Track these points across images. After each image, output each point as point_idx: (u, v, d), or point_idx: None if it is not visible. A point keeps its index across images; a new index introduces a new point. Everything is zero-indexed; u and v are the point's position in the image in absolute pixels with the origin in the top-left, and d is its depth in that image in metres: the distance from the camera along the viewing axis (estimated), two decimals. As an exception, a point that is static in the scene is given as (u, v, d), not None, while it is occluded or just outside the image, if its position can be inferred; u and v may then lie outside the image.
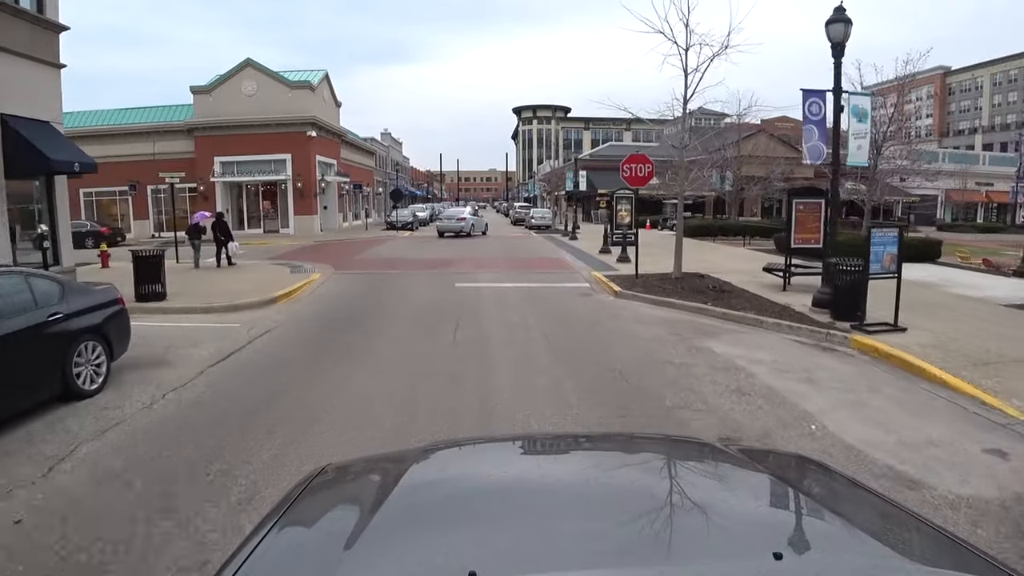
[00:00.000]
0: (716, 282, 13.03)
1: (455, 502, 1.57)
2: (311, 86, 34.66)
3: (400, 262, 18.54)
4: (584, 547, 1.25)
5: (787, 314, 9.85)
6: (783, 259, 13.04)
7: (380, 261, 18.91)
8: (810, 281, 11.63)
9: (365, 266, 17.62)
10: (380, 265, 17.86)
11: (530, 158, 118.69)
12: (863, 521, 1.51)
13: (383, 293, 12.79)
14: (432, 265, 17.53)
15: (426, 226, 44.79)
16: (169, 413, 5.68)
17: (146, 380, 6.60)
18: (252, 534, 1.46)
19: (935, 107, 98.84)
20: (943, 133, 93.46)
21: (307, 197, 34.29)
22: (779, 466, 2.06)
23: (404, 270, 16.45)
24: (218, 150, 34.46)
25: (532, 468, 1.97)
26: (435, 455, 2.05)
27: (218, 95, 34.45)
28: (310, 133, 33.75)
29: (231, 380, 6.74)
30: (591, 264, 17.59)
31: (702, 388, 6.34)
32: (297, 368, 7.25)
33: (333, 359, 7.62)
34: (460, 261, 18.63)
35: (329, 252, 22.16)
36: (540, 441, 3.03)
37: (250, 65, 34.19)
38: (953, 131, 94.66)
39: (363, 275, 15.66)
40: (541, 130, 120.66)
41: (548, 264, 18.20)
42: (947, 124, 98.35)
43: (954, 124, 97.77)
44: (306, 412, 5.59)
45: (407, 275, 15.46)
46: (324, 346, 8.35)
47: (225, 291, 12.62)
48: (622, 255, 17.90)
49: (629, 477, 1.78)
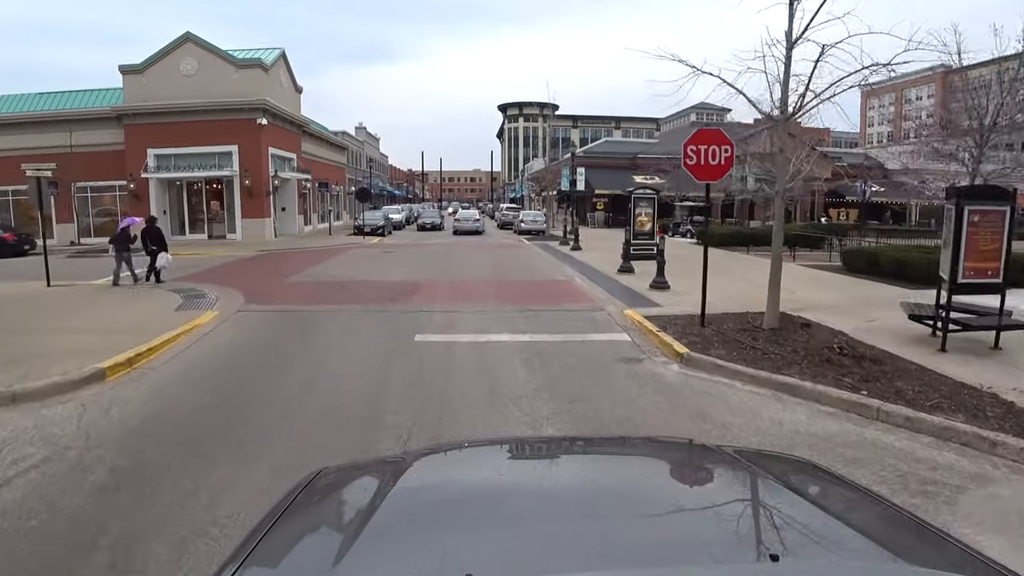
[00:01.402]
0: (836, 337, 8.17)
1: (452, 505, 1.55)
2: (262, 65, 29.36)
3: (345, 288, 13.35)
4: (581, 550, 1.25)
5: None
6: (902, 291, 8.27)
7: (317, 287, 13.58)
8: (979, 337, 7.58)
9: (291, 296, 12.35)
10: (313, 294, 12.66)
11: (516, 157, 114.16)
12: (860, 523, 1.49)
13: (285, 362, 7.51)
14: (388, 294, 12.36)
15: (401, 230, 39.62)
16: None
17: None
18: (248, 538, 1.44)
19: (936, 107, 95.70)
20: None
21: (257, 196, 28.99)
22: (776, 468, 1.94)
23: (344, 304, 11.24)
24: (152, 141, 29.07)
25: (529, 471, 1.96)
26: (432, 458, 2.04)
27: (152, 76, 29.04)
28: (260, 121, 28.47)
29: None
30: (614, 291, 12.66)
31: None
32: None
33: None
34: (430, 286, 13.47)
35: (260, 270, 17.02)
36: (536, 445, 2.90)
37: (190, 40, 28.81)
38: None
39: (277, 315, 10.39)
40: (528, 128, 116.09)
41: (556, 292, 13.04)
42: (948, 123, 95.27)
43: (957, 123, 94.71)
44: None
45: (343, 315, 10.21)
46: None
47: (48, 344, 7.58)
48: (657, 279, 13.00)
49: (626, 480, 1.75)
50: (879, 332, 8.57)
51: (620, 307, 10.94)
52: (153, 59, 29.00)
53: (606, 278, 14.67)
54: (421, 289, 12.99)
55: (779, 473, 1.84)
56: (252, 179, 28.60)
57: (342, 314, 10.31)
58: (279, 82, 31.70)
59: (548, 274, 16.15)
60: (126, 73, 29.29)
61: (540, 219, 35.10)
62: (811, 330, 8.56)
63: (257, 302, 11.45)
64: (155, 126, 28.96)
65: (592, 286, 13.52)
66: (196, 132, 28.62)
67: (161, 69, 28.96)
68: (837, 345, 7.54)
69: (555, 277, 15.43)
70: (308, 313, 10.50)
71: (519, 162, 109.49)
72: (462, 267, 17.63)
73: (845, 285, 13.58)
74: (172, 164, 29.41)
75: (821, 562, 1.24)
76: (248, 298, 11.73)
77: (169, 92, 28.63)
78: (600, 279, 14.53)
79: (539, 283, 14.42)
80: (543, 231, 33.07)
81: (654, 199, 18.88)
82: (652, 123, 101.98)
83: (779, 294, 8.79)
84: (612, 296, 12.11)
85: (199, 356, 7.81)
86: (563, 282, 14.53)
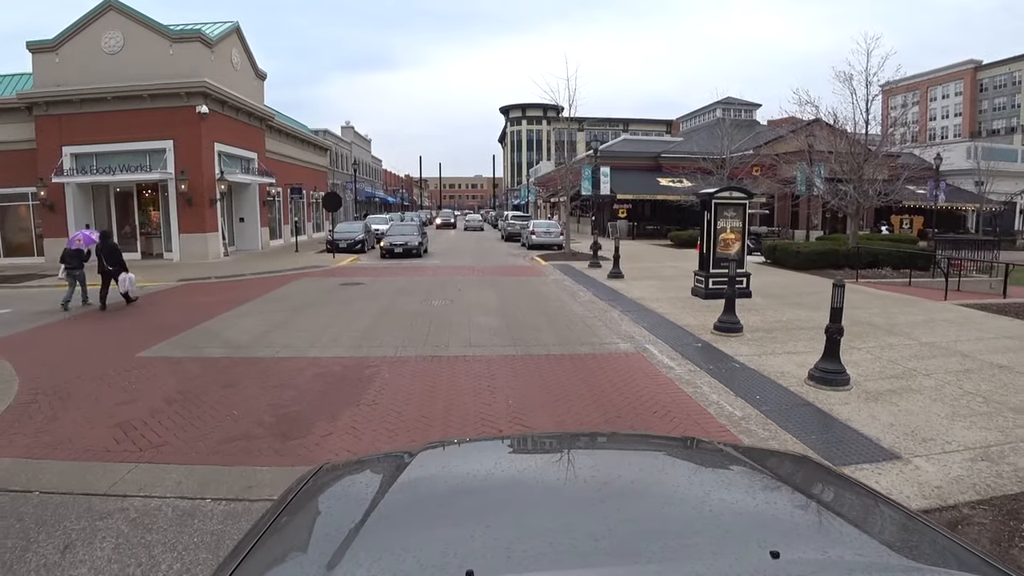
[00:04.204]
0: None
1: (453, 500, 1.54)
2: (204, 39, 23.17)
3: (219, 385, 6.88)
4: (583, 545, 1.24)
5: None
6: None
7: (165, 383, 6.84)
8: None
9: (87, 422, 5.80)
10: (134, 411, 6.18)
11: (519, 161, 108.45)
12: (861, 520, 1.49)
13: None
14: (293, 406, 6.04)
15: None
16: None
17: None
18: (249, 534, 1.46)
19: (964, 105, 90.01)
20: (973, 133, 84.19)
21: (198, 205, 22.74)
22: (777, 464, 1.92)
23: (163, 460, 4.95)
24: (69, 136, 22.93)
25: (530, 466, 1.92)
26: (432, 453, 1.96)
27: (67, 54, 22.92)
28: (200, 109, 22.26)
29: None
30: (759, 397, 6.35)
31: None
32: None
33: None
34: (391, 374, 7.13)
35: (113, 328, 10.77)
36: (538, 440, 2.86)
37: (112, 8, 22.65)
38: (986, 131, 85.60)
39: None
40: (531, 131, 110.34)
41: (639, 400, 6.62)
42: (979, 123, 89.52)
43: (987, 123, 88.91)
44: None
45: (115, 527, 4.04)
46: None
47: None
48: (827, 367, 6.68)
49: (628, 475, 1.70)
50: None
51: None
52: (68, 32, 22.85)
53: (706, 349, 8.37)
54: (369, 388, 6.68)
55: (780, 470, 1.82)
56: (191, 183, 22.36)
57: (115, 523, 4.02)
58: (230, 63, 25.51)
59: (596, 331, 9.76)
60: (36, 52, 23.17)
61: (555, 230, 28.79)
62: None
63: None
64: (72, 118, 22.84)
65: (695, 376, 7.18)
66: (122, 124, 22.50)
67: (78, 45, 22.83)
68: None
69: (612, 342, 9.05)
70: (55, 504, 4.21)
71: (522, 167, 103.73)
72: (455, 315, 11.33)
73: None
74: (94, 165, 23.24)
75: (822, 559, 1.21)
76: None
77: (89, 75, 22.54)
78: (699, 353, 8.23)
79: (588, 361, 8.07)
80: (560, 245, 26.80)
81: (744, 207, 12.63)
82: (664, 124, 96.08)
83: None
84: (766, 418, 5.77)
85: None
86: (632, 357, 8.18)
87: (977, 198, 37.41)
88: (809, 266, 17.78)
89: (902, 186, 20.65)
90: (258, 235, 28.27)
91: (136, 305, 12.69)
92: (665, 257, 23.42)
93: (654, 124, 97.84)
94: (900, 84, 20.43)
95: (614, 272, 16.24)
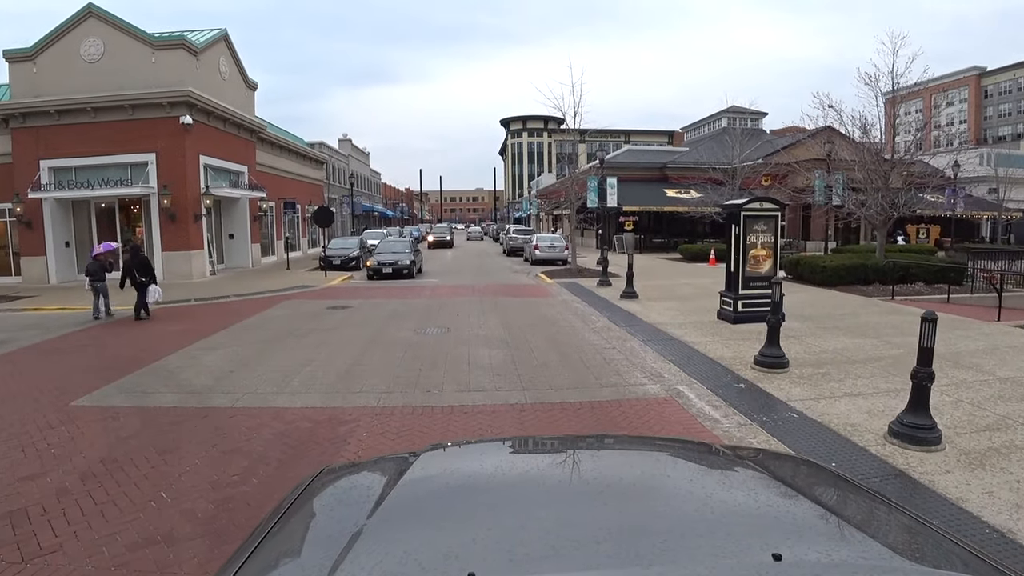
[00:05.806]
0: None
1: (454, 503, 1.52)
2: (189, 46, 22.02)
3: (154, 449, 5.77)
4: (584, 548, 1.22)
5: None
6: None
7: (87, 453, 5.79)
8: None
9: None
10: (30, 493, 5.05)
11: (520, 174, 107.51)
12: (863, 522, 1.47)
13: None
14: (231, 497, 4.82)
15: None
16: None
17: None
18: (251, 537, 1.43)
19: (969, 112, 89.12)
20: (979, 140, 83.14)
21: (181, 222, 21.46)
22: (779, 467, 1.89)
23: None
24: (46, 149, 21.73)
25: (532, 469, 1.90)
26: (434, 456, 1.92)
27: (45, 63, 21.78)
28: (184, 119, 21.06)
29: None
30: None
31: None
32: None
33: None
34: (370, 434, 5.94)
35: (55, 367, 9.45)
36: (540, 442, 2.84)
37: (92, 14, 21.54)
38: (992, 137, 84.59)
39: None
40: (532, 143, 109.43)
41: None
42: (984, 130, 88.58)
43: (992, 130, 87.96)
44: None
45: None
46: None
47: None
48: (916, 421, 5.33)
49: (630, 477, 1.68)
50: None
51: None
52: (46, 40, 21.72)
53: (752, 392, 7.02)
54: (340, 455, 5.33)
55: (782, 472, 1.80)
56: (173, 198, 21.10)
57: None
58: (217, 71, 24.35)
59: (618, 368, 8.37)
60: (13, 60, 22.03)
61: (560, 244, 27.49)
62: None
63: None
64: (50, 130, 21.66)
65: (746, 432, 5.82)
66: (103, 136, 21.31)
67: (56, 54, 21.70)
68: None
69: (638, 383, 7.66)
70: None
71: (523, 179, 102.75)
72: (452, 346, 9.97)
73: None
74: (72, 179, 22.00)
75: (824, 561, 1.17)
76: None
77: (68, 85, 21.38)
78: (743, 398, 6.88)
79: (612, 410, 6.70)
80: (565, 260, 25.49)
81: (776, 219, 11.31)
82: (665, 135, 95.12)
83: None
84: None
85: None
86: (665, 405, 6.81)
87: (995, 206, 36.25)
88: (836, 282, 16.42)
89: (923, 195, 19.43)
90: (248, 252, 26.98)
91: (93, 335, 11.35)
92: (677, 273, 22.05)
93: (656, 135, 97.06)
94: (904, 91, 19.38)
95: (628, 292, 14.89)
